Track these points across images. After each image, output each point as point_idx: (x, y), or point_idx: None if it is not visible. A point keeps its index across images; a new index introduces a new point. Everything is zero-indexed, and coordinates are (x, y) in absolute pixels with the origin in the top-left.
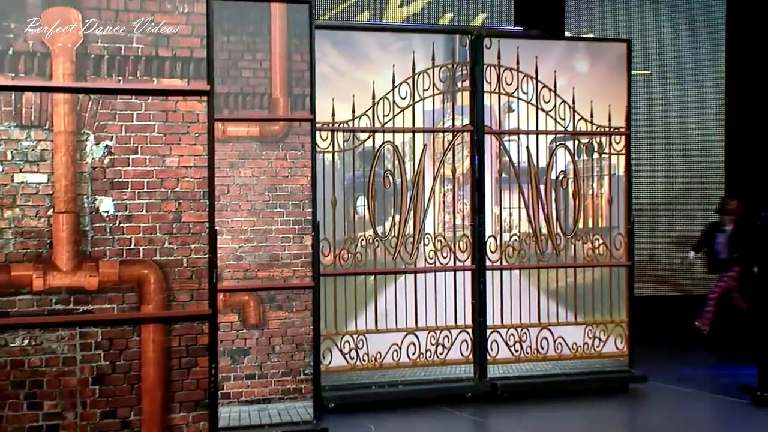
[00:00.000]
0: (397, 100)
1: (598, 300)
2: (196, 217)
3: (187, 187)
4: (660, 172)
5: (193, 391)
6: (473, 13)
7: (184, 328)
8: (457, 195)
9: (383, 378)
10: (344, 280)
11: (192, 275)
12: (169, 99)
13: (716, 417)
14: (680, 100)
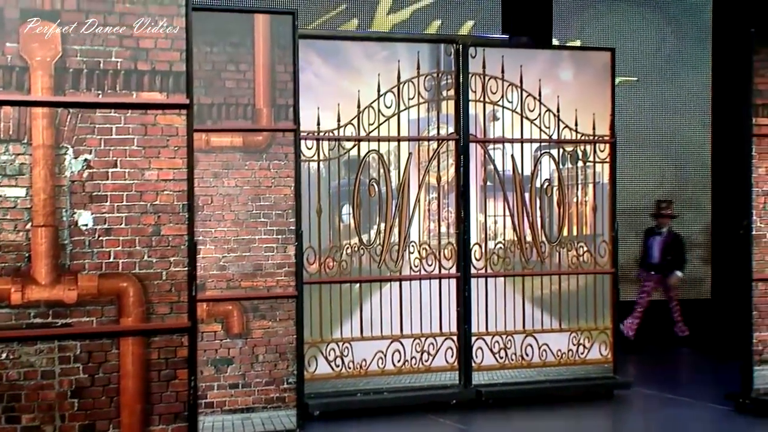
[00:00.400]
0: (382, 108)
1: (583, 307)
2: (175, 230)
3: (167, 200)
4: (646, 176)
5: (172, 403)
6: (461, 21)
7: (163, 341)
8: (442, 203)
9: (368, 385)
10: (329, 288)
11: (171, 288)
12: (148, 113)
13: (698, 424)
14: (667, 104)
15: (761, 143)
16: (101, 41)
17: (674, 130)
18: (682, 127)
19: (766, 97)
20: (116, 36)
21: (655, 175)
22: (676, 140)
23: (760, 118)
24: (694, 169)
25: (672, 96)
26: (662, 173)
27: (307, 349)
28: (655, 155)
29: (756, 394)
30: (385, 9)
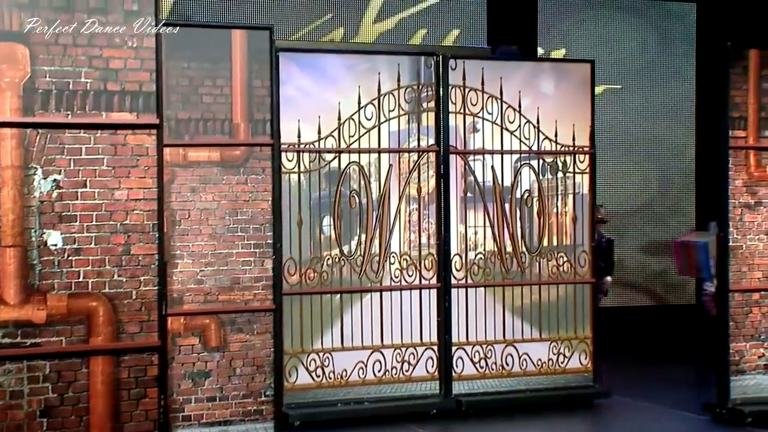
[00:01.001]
0: (362, 120)
1: (563, 316)
2: (145, 249)
3: (137, 219)
4: (630, 180)
5: (142, 422)
6: (446, 30)
7: (133, 360)
8: (422, 214)
9: (349, 395)
10: (310, 299)
11: (142, 307)
12: (118, 133)
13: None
14: (651, 109)
15: (737, 155)
16: (71, 62)
17: (658, 135)
18: (666, 133)
19: (742, 110)
20: (86, 57)
21: (638, 181)
22: (660, 146)
23: (736, 131)
24: (678, 174)
25: (656, 102)
26: (646, 178)
27: (287, 359)
28: (639, 161)
29: (732, 404)
30: (370, 18)
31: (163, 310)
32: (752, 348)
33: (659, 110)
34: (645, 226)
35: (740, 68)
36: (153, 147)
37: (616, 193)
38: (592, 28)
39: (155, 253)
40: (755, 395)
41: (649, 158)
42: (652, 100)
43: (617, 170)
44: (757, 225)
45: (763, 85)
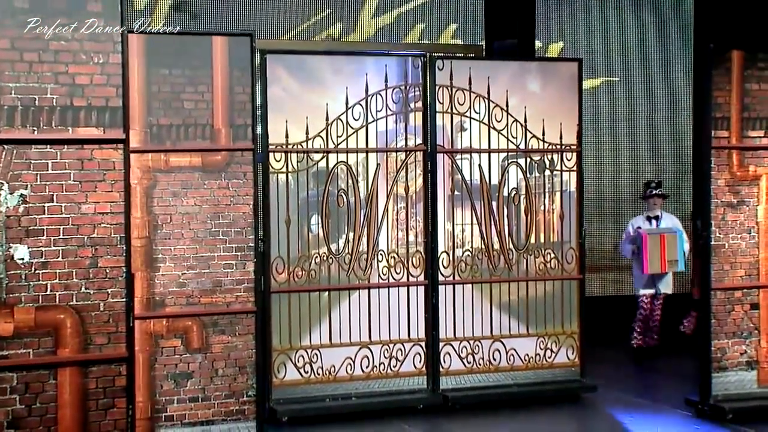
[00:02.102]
0: (350, 121)
1: (550, 312)
2: (113, 262)
3: (104, 232)
4: (629, 166)
5: (111, 431)
6: (444, 24)
7: (101, 371)
8: (410, 212)
9: (337, 391)
10: (298, 297)
11: (109, 318)
12: (84, 147)
13: (657, 428)
14: (649, 99)
15: (720, 155)
16: (36, 78)
17: (656, 124)
18: (664, 122)
19: (725, 110)
20: (52, 73)
21: (636, 169)
22: (658, 135)
23: (719, 131)
24: (675, 162)
25: (654, 92)
26: (644, 167)
27: (276, 356)
28: (636, 150)
29: (714, 401)
30: (368, 13)
31: (130, 322)
32: (734, 345)
33: (658, 99)
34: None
35: (723, 69)
36: (119, 161)
37: (612, 182)
38: (590, 20)
39: (122, 266)
40: (736, 392)
41: (647, 147)
42: (651, 89)
43: (615, 160)
44: (740, 224)
45: (746, 86)
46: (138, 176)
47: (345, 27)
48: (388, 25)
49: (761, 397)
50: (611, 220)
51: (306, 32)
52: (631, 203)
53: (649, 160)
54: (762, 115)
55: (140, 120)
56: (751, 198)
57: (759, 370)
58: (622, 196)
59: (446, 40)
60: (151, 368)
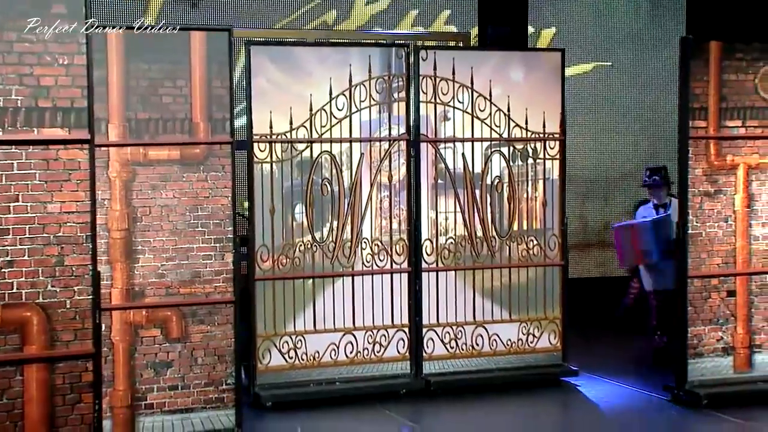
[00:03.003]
0: (334, 111)
1: (533, 298)
2: (79, 260)
3: (70, 231)
4: (622, 148)
5: (78, 426)
6: (437, 10)
7: (68, 367)
8: (393, 201)
9: (321, 376)
10: (283, 284)
11: (76, 315)
12: (50, 148)
13: (633, 412)
14: (641, 80)
15: (698, 145)
16: (1, 80)
17: (649, 105)
18: (656, 102)
19: (702, 100)
20: (16, 75)
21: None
22: (651, 114)
23: (697, 121)
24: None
25: (647, 73)
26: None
27: (260, 342)
28: (629, 130)
29: (690, 386)
30: (362, 0)
31: (97, 319)
32: (711, 332)
33: (650, 83)
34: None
35: (701, 60)
36: (85, 161)
37: (605, 163)
38: (582, 5)
39: (89, 264)
40: (712, 377)
41: (640, 129)
42: (643, 73)
43: (607, 141)
44: (717, 213)
45: (724, 77)
46: (117, 169)
47: (339, 14)
48: (381, 12)
49: (736, 383)
50: (603, 200)
51: (301, 19)
52: (622, 183)
53: (641, 141)
54: (739, 105)
55: (119, 114)
56: (729, 187)
57: (735, 356)
58: (614, 176)
59: (439, 26)
60: (131, 358)
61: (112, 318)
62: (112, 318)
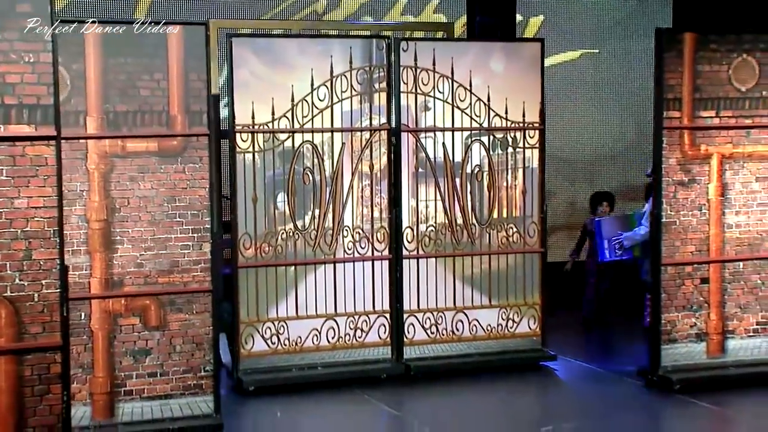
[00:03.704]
0: (315, 101)
1: (512, 284)
2: (47, 254)
3: (37, 226)
4: (608, 133)
5: (46, 416)
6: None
7: (36, 359)
8: (374, 189)
9: (303, 361)
10: (265, 271)
11: (44, 309)
12: (16, 144)
13: (608, 396)
14: (628, 66)
15: (672, 135)
16: None
17: (635, 95)
18: (642, 92)
19: (676, 91)
20: None
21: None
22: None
23: (671, 111)
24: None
25: (633, 58)
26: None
27: (243, 328)
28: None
29: (663, 372)
30: None
31: (64, 312)
32: (684, 318)
33: (636, 67)
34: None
35: (676, 51)
36: (52, 157)
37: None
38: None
39: (56, 258)
40: (685, 362)
41: (626, 115)
42: (629, 58)
43: (594, 127)
44: (691, 201)
45: (698, 68)
46: (95, 161)
47: (329, 3)
48: (369, 1)
49: (708, 368)
50: (589, 183)
51: (291, 8)
52: (610, 165)
53: (627, 125)
54: (713, 95)
55: (97, 107)
56: (702, 176)
57: (708, 341)
58: (600, 159)
59: (428, 15)
60: (110, 345)
61: (92, 307)
62: (91, 307)
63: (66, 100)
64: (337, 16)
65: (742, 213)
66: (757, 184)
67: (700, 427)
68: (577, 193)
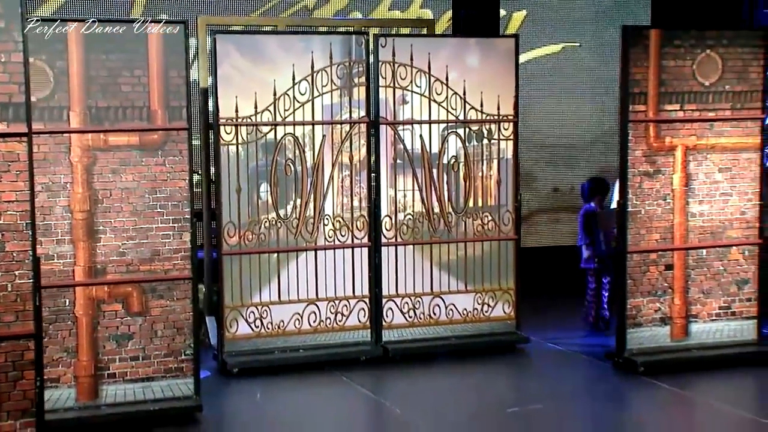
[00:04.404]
0: (297, 95)
1: (488, 270)
2: (19, 246)
3: (10, 219)
4: (588, 117)
5: (20, 401)
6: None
7: (10, 346)
8: (354, 180)
9: (286, 344)
10: (249, 258)
11: (17, 298)
12: None
13: (577, 377)
14: (606, 55)
15: (638, 128)
16: None
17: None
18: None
19: (642, 85)
20: None
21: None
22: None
23: (637, 105)
24: None
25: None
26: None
27: (228, 312)
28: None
29: (629, 354)
30: None
31: (37, 301)
32: (649, 303)
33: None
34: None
35: (641, 47)
36: (24, 153)
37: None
38: None
39: (29, 249)
40: (649, 346)
41: (606, 104)
42: (609, 48)
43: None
44: (656, 191)
45: (663, 63)
46: (78, 154)
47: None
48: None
49: (671, 351)
50: (570, 168)
51: (282, 4)
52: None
53: (606, 113)
54: (678, 90)
55: (80, 103)
56: (667, 167)
57: (672, 325)
58: (581, 145)
59: (415, 10)
60: (94, 330)
61: (76, 294)
62: (75, 294)
63: (50, 96)
64: (326, 12)
65: (705, 202)
66: (719, 174)
67: (660, 408)
68: (560, 177)
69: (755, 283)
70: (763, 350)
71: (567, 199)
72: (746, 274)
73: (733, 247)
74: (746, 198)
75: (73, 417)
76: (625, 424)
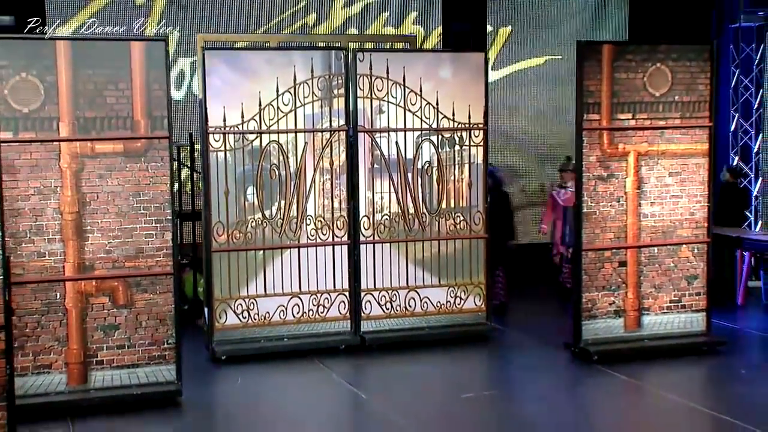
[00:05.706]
0: (281, 106)
1: (460, 267)
2: None
3: None
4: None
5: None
6: (405, 12)
7: None
8: (334, 183)
9: (271, 333)
10: (237, 255)
11: None
12: None
13: (534, 366)
14: None
15: (592, 135)
16: None
17: None
18: None
19: (596, 96)
20: None
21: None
22: None
23: (591, 114)
24: None
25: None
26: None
27: (217, 305)
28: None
29: (584, 344)
30: (340, 4)
31: (5, 296)
32: (604, 297)
33: None
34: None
35: (595, 60)
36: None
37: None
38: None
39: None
40: (603, 336)
41: None
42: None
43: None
44: (609, 194)
45: (616, 75)
46: (68, 161)
47: (319, 17)
48: (356, 15)
49: (624, 341)
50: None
51: (285, 22)
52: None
53: None
54: (630, 100)
55: (68, 114)
56: (620, 171)
57: (625, 317)
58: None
59: (408, 26)
60: (83, 321)
61: (66, 288)
62: (65, 288)
63: (40, 107)
64: (326, 27)
65: (656, 204)
66: (670, 178)
67: (610, 395)
68: (546, 174)
69: (704, 278)
70: (711, 341)
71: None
72: (695, 270)
73: (683, 245)
74: (695, 200)
75: (63, 400)
76: (572, 409)
